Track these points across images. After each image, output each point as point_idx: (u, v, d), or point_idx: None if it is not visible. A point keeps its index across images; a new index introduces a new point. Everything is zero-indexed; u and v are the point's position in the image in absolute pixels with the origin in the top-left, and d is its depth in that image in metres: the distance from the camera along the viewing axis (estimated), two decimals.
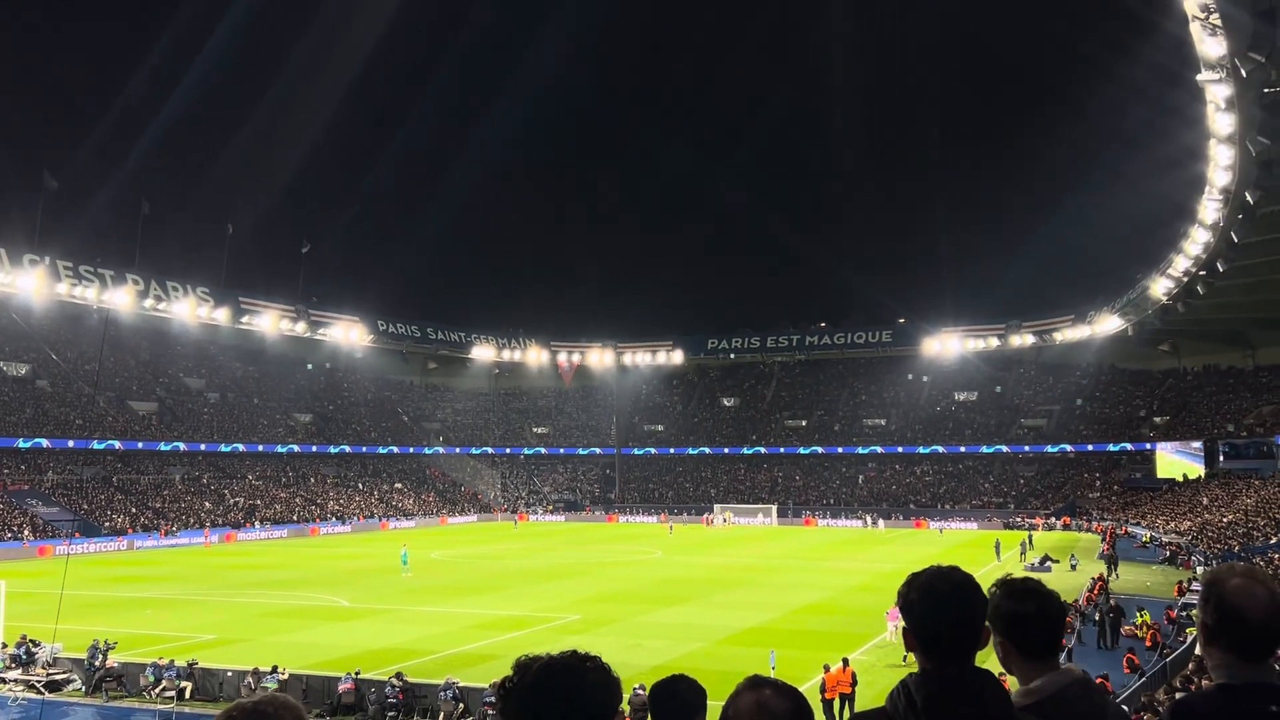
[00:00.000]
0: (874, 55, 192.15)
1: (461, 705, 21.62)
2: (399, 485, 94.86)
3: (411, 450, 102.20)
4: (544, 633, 31.16)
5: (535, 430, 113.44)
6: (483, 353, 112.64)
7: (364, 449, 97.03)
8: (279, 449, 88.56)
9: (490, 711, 21.14)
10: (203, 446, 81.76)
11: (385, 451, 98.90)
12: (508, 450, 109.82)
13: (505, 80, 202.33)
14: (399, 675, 22.56)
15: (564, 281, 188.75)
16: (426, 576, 46.49)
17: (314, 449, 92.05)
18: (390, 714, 21.65)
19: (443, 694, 21.78)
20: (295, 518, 77.76)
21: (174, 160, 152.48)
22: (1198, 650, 24.94)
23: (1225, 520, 55.34)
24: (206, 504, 74.86)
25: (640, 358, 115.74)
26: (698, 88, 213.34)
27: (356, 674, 22.93)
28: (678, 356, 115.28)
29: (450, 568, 51.66)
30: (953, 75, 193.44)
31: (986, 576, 2.45)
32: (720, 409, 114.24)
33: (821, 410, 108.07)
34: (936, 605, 2.35)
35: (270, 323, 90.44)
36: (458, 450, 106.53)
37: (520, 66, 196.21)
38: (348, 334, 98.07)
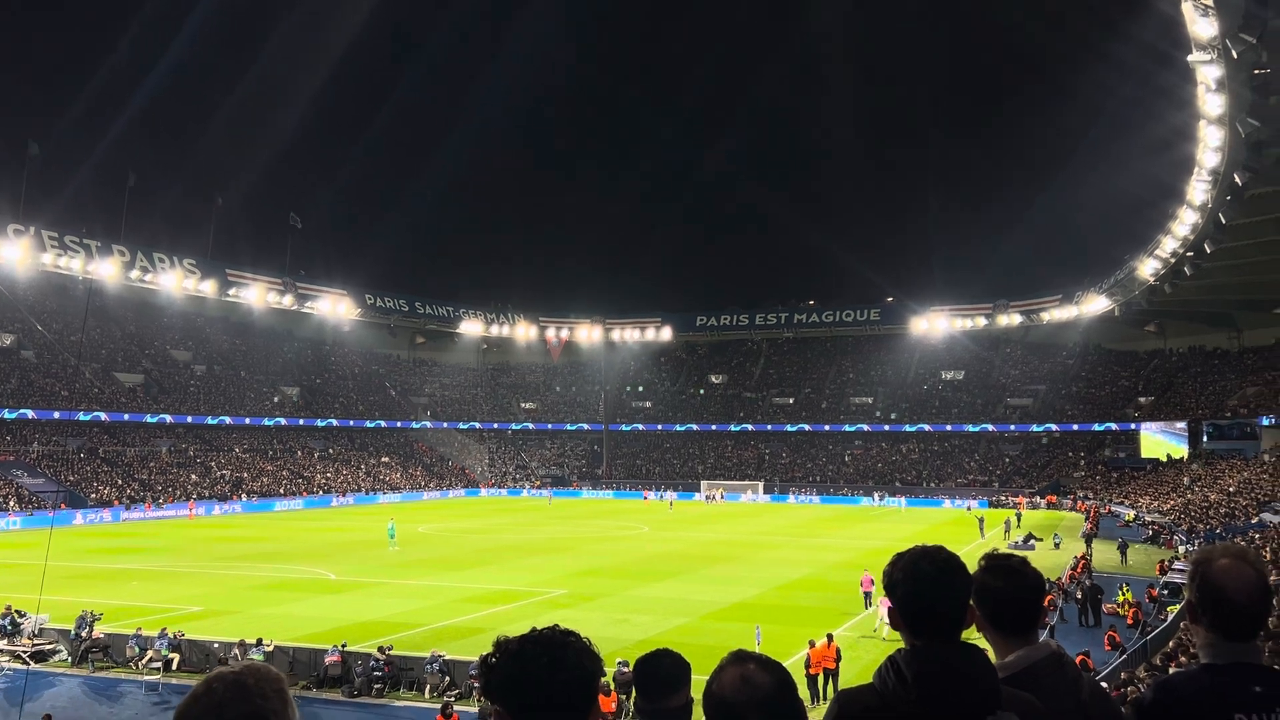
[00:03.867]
0: (866, 34, 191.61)
1: (448, 678, 21.69)
2: (386, 459, 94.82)
3: (399, 424, 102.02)
4: (530, 606, 31.26)
5: (523, 406, 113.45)
6: (471, 327, 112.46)
7: (351, 423, 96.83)
8: (266, 422, 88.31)
9: (477, 684, 21.26)
10: (189, 419, 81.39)
11: (373, 425, 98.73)
12: (496, 425, 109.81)
13: (494, 54, 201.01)
14: (384, 648, 22.63)
15: (553, 257, 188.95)
16: (414, 550, 46.56)
17: (301, 422, 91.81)
18: (376, 686, 21.73)
19: (429, 666, 21.85)
20: (282, 491, 77.69)
21: (161, 132, 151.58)
22: (1182, 627, 25.23)
23: (1208, 500, 55.77)
24: (193, 476, 74.71)
25: (629, 334, 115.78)
26: (688, 63, 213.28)
27: (343, 646, 22.98)
28: (666, 333, 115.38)
29: (438, 542, 51.73)
30: (943, 54, 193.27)
31: (970, 555, 2.46)
32: (708, 386, 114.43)
33: (809, 388, 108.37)
34: (920, 585, 2.37)
35: (257, 295, 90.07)
36: (445, 425, 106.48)
37: (509, 40, 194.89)
38: (335, 307, 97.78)
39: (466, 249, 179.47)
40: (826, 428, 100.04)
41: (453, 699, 19.96)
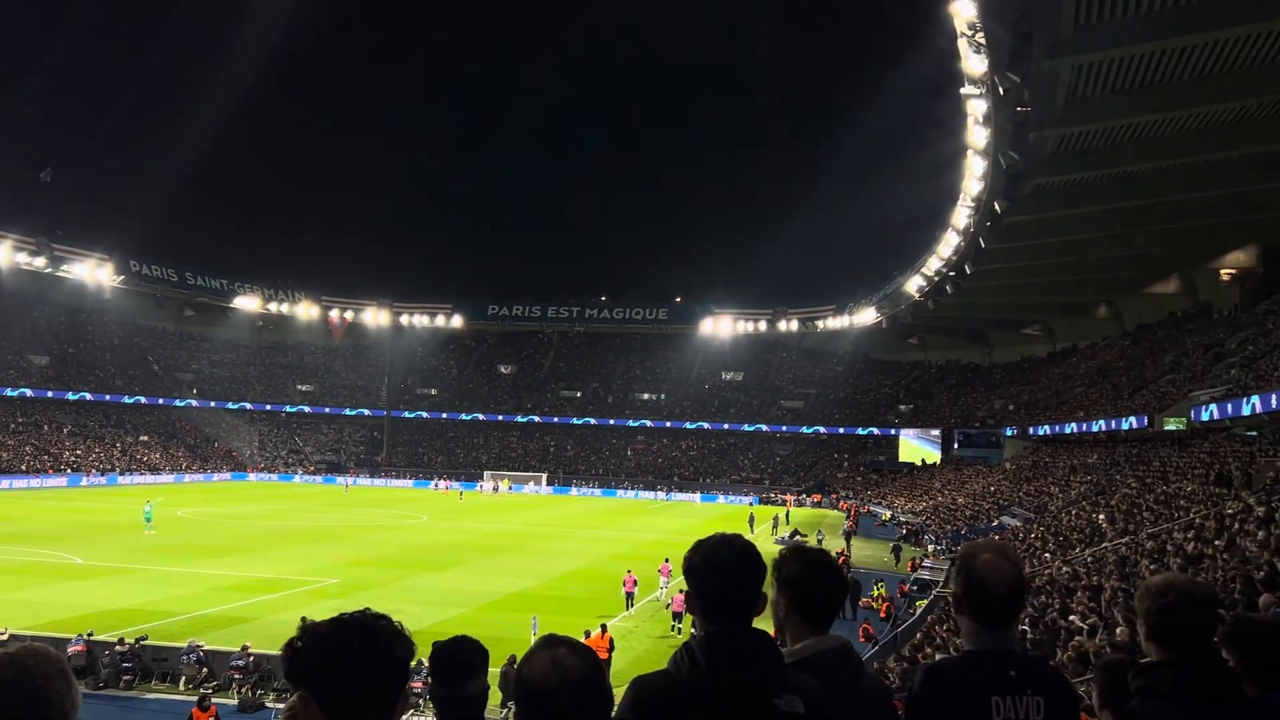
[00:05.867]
0: (648, 49, 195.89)
1: (205, 669, 20.60)
2: (145, 438, 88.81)
3: (161, 401, 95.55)
4: (299, 596, 30.08)
5: (300, 387, 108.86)
6: (247, 302, 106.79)
7: (108, 397, 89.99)
8: (9, 392, 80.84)
9: (237, 676, 20.28)
10: None
11: (131, 401, 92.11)
12: (268, 407, 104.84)
13: (271, 13, 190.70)
14: (139, 639, 21.23)
15: (341, 236, 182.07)
16: (172, 535, 43.86)
17: (50, 394, 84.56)
18: (125, 677, 20.35)
19: (185, 657, 20.68)
20: (24, 467, 71.43)
21: None
22: (929, 620, 27.12)
23: (956, 503, 60.19)
24: None
25: (418, 319, 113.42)
26: (462, 54, 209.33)
27: (89, 635, 21.38)
28: (457, 320, 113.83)
29: (199, 527, 48.94)
30: (724, 76, 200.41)
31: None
32: (497, 376, 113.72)
33: (597, 382, 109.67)
34: (718, 571, 2.43)
35: (4, 255, 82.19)
36: (213, 404, 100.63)
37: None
38: (95, 272, 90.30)
39: (246, 221, 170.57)
40: (612, 422, 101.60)
41: (210, 691, 18.93)
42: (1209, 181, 41.23)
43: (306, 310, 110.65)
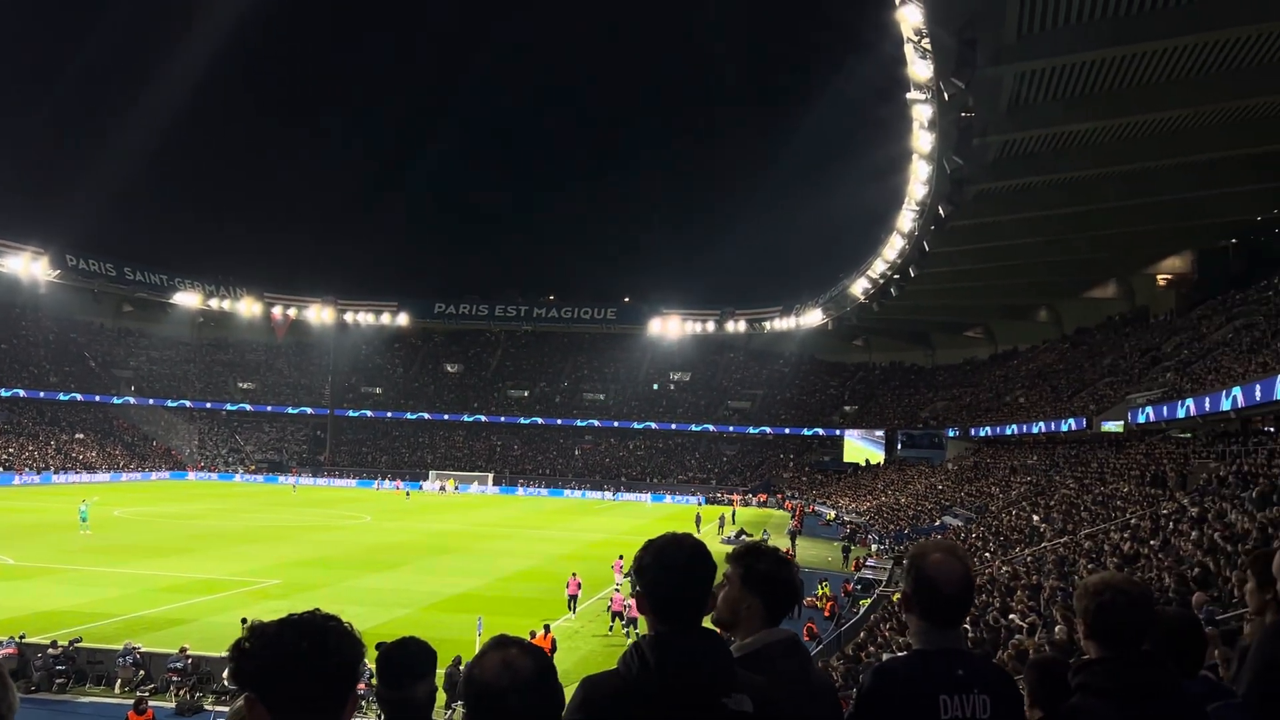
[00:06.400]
0: (596, 49, 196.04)
1: (142, 672, 20.18)
2: (81, 436, 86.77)
3: (98, 399, 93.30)
4: (239, 597, 29.58)
5: (241, 385, 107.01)
6: (187, 299, 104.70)
7: (42, 394, 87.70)
8: None
9: (175, 678, 19.91)
10: None
11: (67, 399, 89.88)
12: (209, 405, 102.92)
13: (213, 3, 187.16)
14: (73, 640, 20.74)
15: (285, 232, 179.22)
16: (108, 535, 42.91)
17: None
18: (59, 680, 19.87)
19: (121, 660, 20.23)
20: None
21: None
22: (872, 619, 27.40)
23: (899, 503, 60.95)
24: None
25: (363, 316, 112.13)
26: (408, 50, 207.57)
27: (21, 638, 20.83)
28: (403, 318, 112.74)
29: (137, 526, 47.93)
30: (674, 76, 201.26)
31: None
32: (443, 374, 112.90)
33: (544, 382, 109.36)
34: (669, 570, 2.43)
35: None
36: (151, 402, 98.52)
37: None
38: (29, 266, 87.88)
39: (188, 216, 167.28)
40: (559, 421, 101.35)
41: (147, 694, 18.54)
42: (1146, 188, 42.24)
43: (249, 307, 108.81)
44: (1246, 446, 29.64)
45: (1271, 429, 32.13)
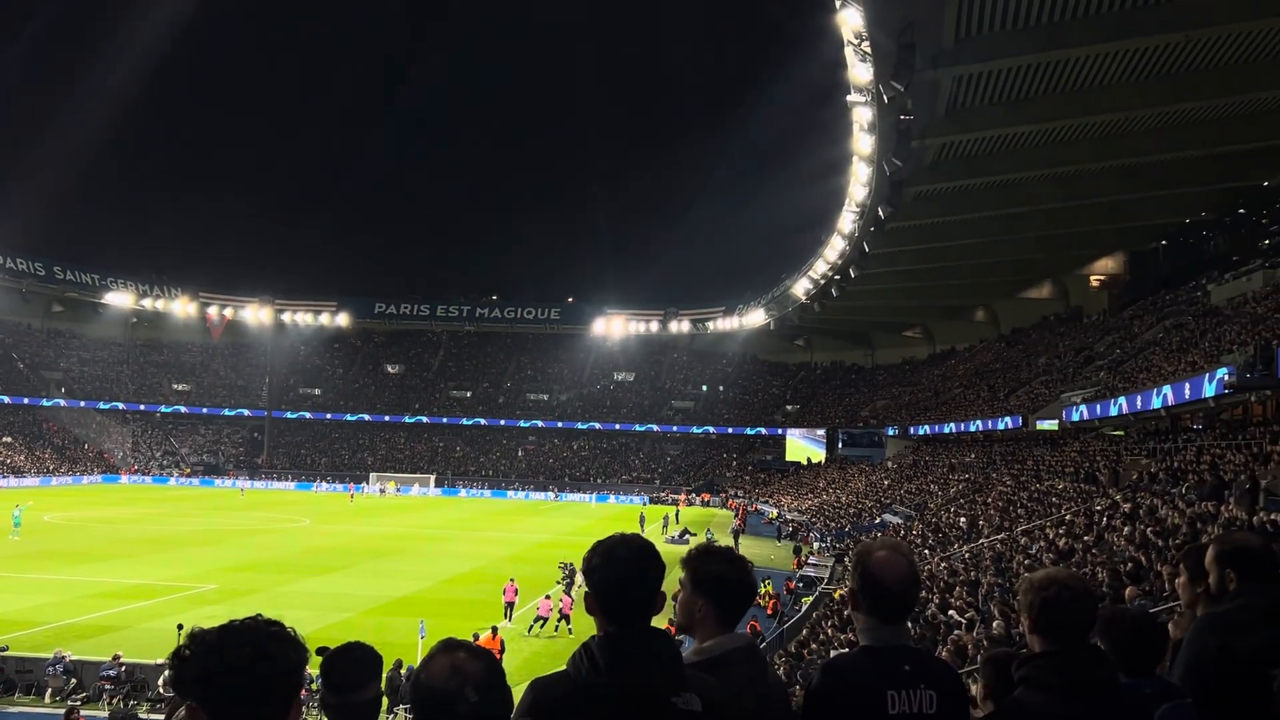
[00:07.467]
0: (539, 46, 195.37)
1: (74, 680, 19.67)
2: (8, 439, 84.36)
3: (26, 401, 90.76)
4: (174, 602, 28.95)
5: (176, 387, 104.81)
6: (120, 299, 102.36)
7: None
8: None
9: (109, 686, 19.44)
10: None
11: None
12: (142, 407, 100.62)
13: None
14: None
15: (221, 231, 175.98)
16: (38, 541, 41.75)
17: None
18: None
19: (51, 668, 19.70)
20: None
21: None
22: (814, 617, 27.62)
23: (840, 501, 61.55)
24: None
25: (301, 317, 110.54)
26: (344, 45, 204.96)
27: None
28: (342, 318, 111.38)
29: (67, 531, 46.70)
30: (618, 77, 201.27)
31: None
32: (384, 375, 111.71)
33: (487, 382, 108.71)
34: (617, 570, 2.42)
35: None
36: (83, 404, 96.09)
37: None
38: None
39: (120, 214, 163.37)
40: (503, 422, 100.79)
41: (79, 703, 18.07)
42: (1080, 190, 43.21)
43: (184, 307, 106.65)
44: (1176, 444, 30.45)
45: (1199, 426, 33.01)
